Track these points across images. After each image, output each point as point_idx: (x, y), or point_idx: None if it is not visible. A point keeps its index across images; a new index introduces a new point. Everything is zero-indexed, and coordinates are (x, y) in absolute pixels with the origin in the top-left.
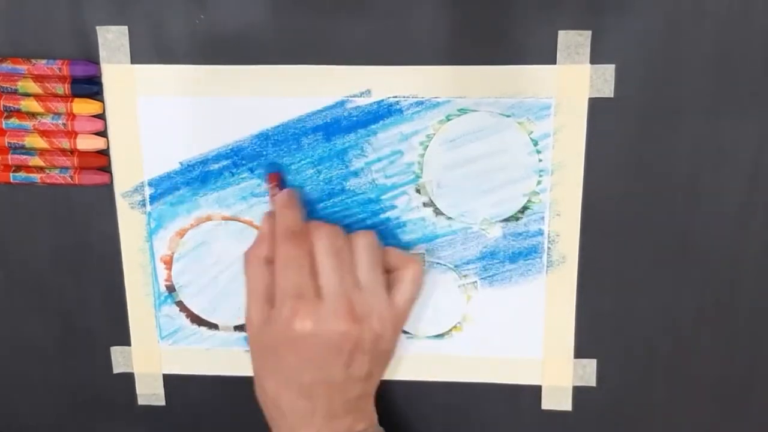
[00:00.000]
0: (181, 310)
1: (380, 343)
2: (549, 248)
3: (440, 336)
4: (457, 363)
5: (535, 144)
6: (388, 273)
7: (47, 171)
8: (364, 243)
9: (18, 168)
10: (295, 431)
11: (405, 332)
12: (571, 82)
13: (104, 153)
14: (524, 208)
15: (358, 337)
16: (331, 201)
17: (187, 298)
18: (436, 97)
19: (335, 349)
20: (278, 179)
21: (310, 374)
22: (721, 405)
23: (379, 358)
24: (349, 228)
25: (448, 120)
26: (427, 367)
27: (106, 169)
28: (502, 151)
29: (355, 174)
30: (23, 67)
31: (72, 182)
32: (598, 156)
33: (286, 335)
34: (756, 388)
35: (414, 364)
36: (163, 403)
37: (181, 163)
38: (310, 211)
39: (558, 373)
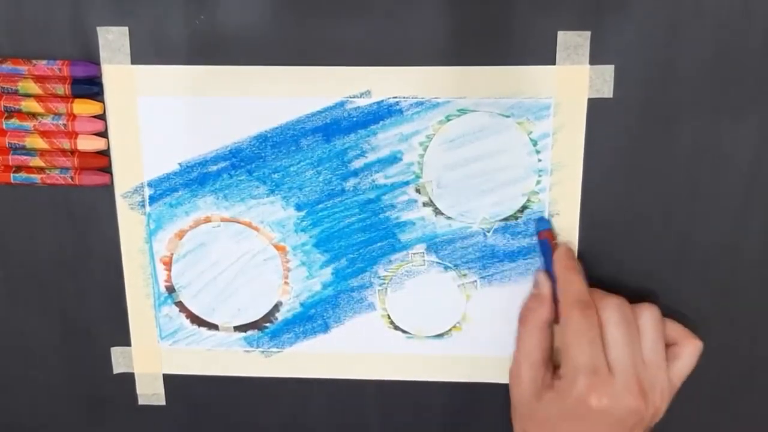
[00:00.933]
0: (180, 311)
1: (655, 418)
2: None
3: (440, 336)
4: (456, 363)
5: (535, 144)
6: (668, 346)
7: (47, 171)
8: (649, 316)
9: (18, 168)
10: None
11: (405, 332)
12: (570, 82)
13: (104, 154)
14: (523, 208)
15: (643, 414)
16: (331, 202)
17: (187, 298)
18: (435, 98)
19: (622, 424)
20: (551, 235)
21: None
22: (721, 405)
23: (654, 417)
24: (349, 228)
25: (448, 120)
26: (427, 367)
27: (107, 169)
28: (502, 151)
29: (355, 174)
30: (24, 68)
31: (72, 183)
32: (597, 156)
33: (577, 409)
34: (756, 388)
35: (414, 364)
36: (163, 403)
37: (180, 164)
38: (310, 212)
39: None
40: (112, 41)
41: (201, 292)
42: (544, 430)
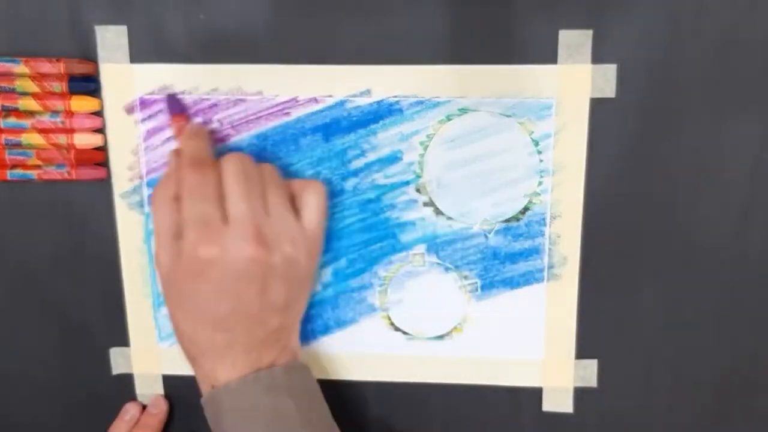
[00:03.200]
0: None
1: (295, 269)
2: (550, 249)
3: (440, 337)
4: (457, 364)
5: (536, 144)
6: (294, 200)
7: (44, 167)
8: (270, 171)
9: (15, 165)
10: (215, 368)
11: (405, 333)
12: (572, 82)
13: (101, 149)
14: (525, 209)
15: (268, 263)
16: (330, 201)
17: None
18: (436, 97)
19: (246, 276)
20: (184, 118)
21: (224, 305)
22: (722, 405)
23: (296, 286)
24: (349, 228)
25: (449, 120)
26: (427, 369)
27: (103, 164)
28: (503, 152)
29: (355, 174)
30: (21, 66)
31: (69, 177)
32: (599, 156)
33: (194, 265)
34: (756, 388)
35: (414, 365)
36: None
37: None
38: None
39: (559, 374)
40: (111, 40)
41: None
42: (180, 299)
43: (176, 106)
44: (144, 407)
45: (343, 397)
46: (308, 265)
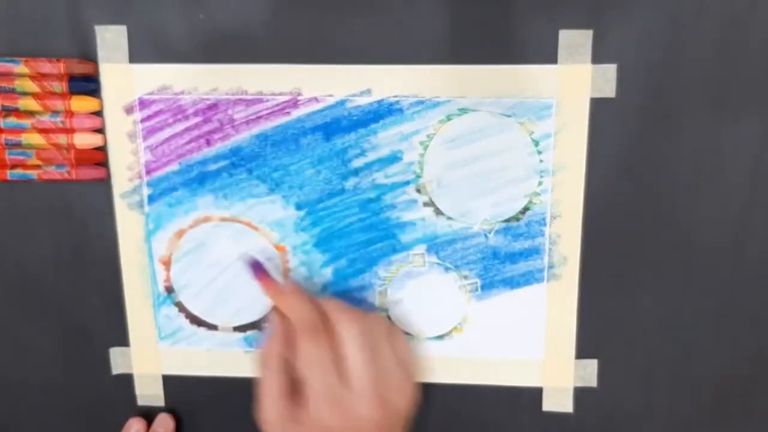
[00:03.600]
0: (180, 311)
1: (401, 420)
2: (550, 249)
3: (440, 337)
4: (457, 364)
5: (536, 144)
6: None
7: (44, 167)
8: (379, 322)
9: (15, 165)
10: None
11: (405, 333)
12: (572, 82)
13: (101, 149)
14: (525, 209)
15: (389, 424)
16: (331, 201)
17: (186, 298)
18: (436, 97)
19: None
20: (261, 267)
21: None
22: (722, 405)
23: (401, 417)
24: (349, 228)
25: (449, 120)
26: (427, 369)
27: (103, 164)
28: (503, 152)
29: (355, 174)
30: (21, 66)
31: (69, 177)
32: (599, 156)
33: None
34: (756, 388)
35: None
36: (162, 403)
37: (179, 164)
38: (311, 212)
39: (559, 374)
40: (110, 40)
41: (200, 293)
42: None
43: (259, 270)
44: (147, 423)
45: None
46: (409, 412)
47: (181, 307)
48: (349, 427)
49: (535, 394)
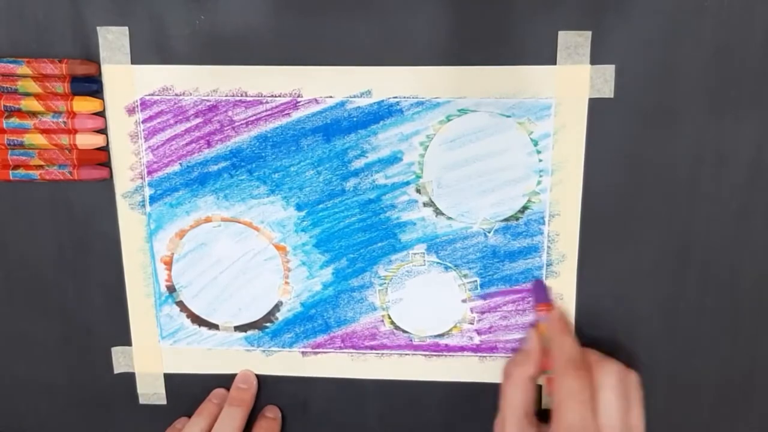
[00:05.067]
0: (181, 310)
1: None
2: (549, 248)
3: (440, 336)
4: (457, 363)
5: (535, 144)
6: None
7: (46, 167)
8: (635, 383)
9: (17, 166)
10: None
11: (405, 332)
12: (571, 82)
13: (103, 150)
14: (524, 208)
15: None
16: (331, 202)
17: (188, 298)
18: (436, 98)
19: None
20: (544, 291)
21: None
22: (721, 405)
23: None
24: (349, 228)
25: (449, 120)
26: (427, 367)
27: (105, 164)
28: (502, 152)
29: (356, 174)
30: (23, 67)
31: (71, 178)
32: (597, 156)
33: None
34: (756, 388)
35: (414, 363)
36: (164, 402)
37: (180, 164)
38: (311, 212)
39: None
40: (112, 41)
41: (202, 292)
42: None
43: (542, 296)
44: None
45: (343, 396)
46: None
47: (183, 307)
48: None
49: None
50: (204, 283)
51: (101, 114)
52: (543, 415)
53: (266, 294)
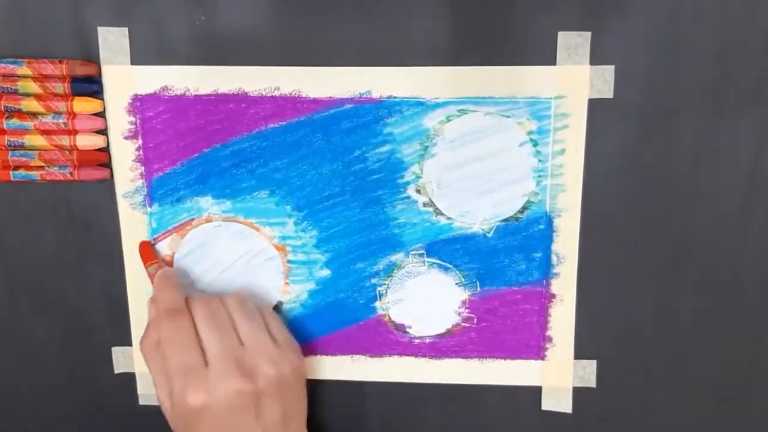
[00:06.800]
0: None
1: (283, 384)
2: (549, 248)
3: (440, 336)
4: (456, 364)
5: (535, 144)
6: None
7: (47, 168)
8: (235, 302)
9: (18, 167)
10: None
11: (405, 332)
12: (570, 82)
13: (104, 150)
14: (524, 209)
15: (254, 390)
16: (331, 202)
17: None
18: (436, 98)
19: (238, 408)
20: (150, 252)
21: None
22: (721, 405)
23: (289, 398)
24: (349, 228)
25: (449, 120)
26: (427, 368)
27: (106, 165)
28: (502, 152)
29: (355, 174)
30: (24, 68)
31: (72, 178)
32: (597, 156)
33: (187, 412)
34: (756, 388)
35: (413, 364)
36: None
37: (181, 164)
38: (311, 212)
39: (558, 374)
40: (113, 42)
41: (202, 292)
42: None
43: (149, 253)
44: None
45: (343, 396)
46: (295, 374)
47: None
48: (211, 404)
49: (534, 393)
50: (204, 283)
51: (101, 114)
52: (542, 415)
53: (266, 294)
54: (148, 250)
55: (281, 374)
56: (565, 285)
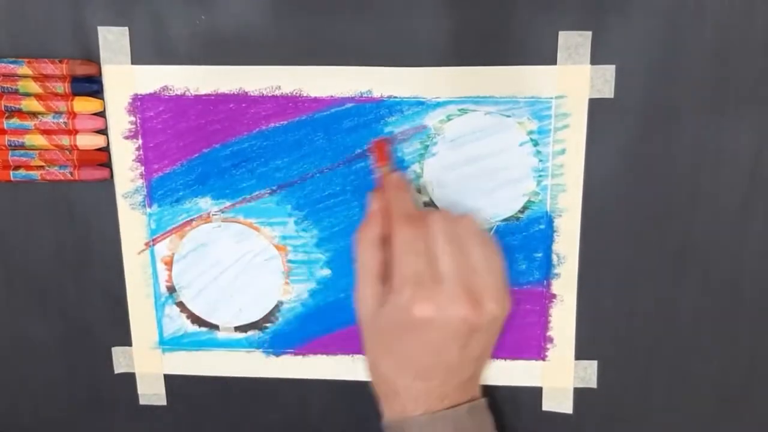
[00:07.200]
0: (181, 311)
1: (495, 325)
2: (549, 248)
3: None
4: None
5: (535, 144)
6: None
7: (47, 168)
8: (470, 223)
9: (18, 166)
10: (406, 405)
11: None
12: (571, 82)
13: (104, 150)
14: (524, 208)
15: (476, 323)
16: (331, 201)
17: (188, 298)
18: (436, 98)
19: (454, 333)
20: (385, 149)
21: (429, 358)
22: (721, 405)
23: (492, 338)
24: (350, 228)
25: (449, 120)
26: None
27: (106, 165)
28: (502, 152)
29: (356, 174)
30: (24, 67)
31: (72, 178)
32: (598, 156)
33: (407, 320)
34: (756, 388)
35: None
36: (164, 402)
37: (181, 164)
38: (312, 212)
39: (559, 375)
40: (113, 41)
41: (202, 293)
42: (383, 344)
43: (384, 152)
44: None
45: (343, 396)
46: (503, 319)
47: (183, 307)
48: (435, 320)
49: (535, 394)
50: (204, 284)
51: (101, 114)
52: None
53: (266, 294)
54: (385, 150)
55: (499, 315)
56: (565, 285)
